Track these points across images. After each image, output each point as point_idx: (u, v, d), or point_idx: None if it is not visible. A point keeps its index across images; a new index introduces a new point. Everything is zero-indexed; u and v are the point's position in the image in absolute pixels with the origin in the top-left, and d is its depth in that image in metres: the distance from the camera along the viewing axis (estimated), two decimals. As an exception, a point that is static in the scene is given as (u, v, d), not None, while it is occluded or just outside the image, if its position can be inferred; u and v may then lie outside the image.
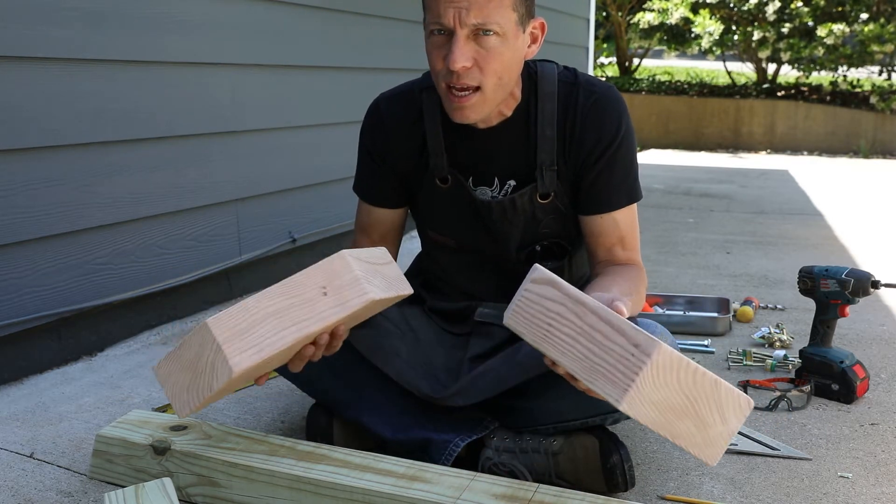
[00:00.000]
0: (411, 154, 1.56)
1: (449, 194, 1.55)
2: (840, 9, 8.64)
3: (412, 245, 3.74)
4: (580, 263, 1.67)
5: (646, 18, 9.27)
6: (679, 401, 1.06)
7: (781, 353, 2.13)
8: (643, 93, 9.32)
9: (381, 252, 1.41)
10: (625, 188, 1.51)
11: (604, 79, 10.51)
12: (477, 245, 1.60)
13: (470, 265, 1.64)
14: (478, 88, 1.38)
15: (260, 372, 1.29)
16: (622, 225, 1.51)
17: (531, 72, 1.51)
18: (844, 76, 8.79)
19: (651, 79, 10.10)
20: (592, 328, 1.11)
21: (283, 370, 1.60)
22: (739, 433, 1.68)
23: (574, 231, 1.58)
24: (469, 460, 1.47)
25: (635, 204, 1.54)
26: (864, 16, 8.40)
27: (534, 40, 1.45)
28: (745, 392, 1.85)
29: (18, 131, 1.94)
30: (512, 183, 1.53)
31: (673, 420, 1.07)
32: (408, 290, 1.41)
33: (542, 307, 1.18)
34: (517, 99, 1.50)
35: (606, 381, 1.08)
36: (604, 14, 10.53)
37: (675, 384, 1.06)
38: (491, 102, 1.42)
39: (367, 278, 1.27)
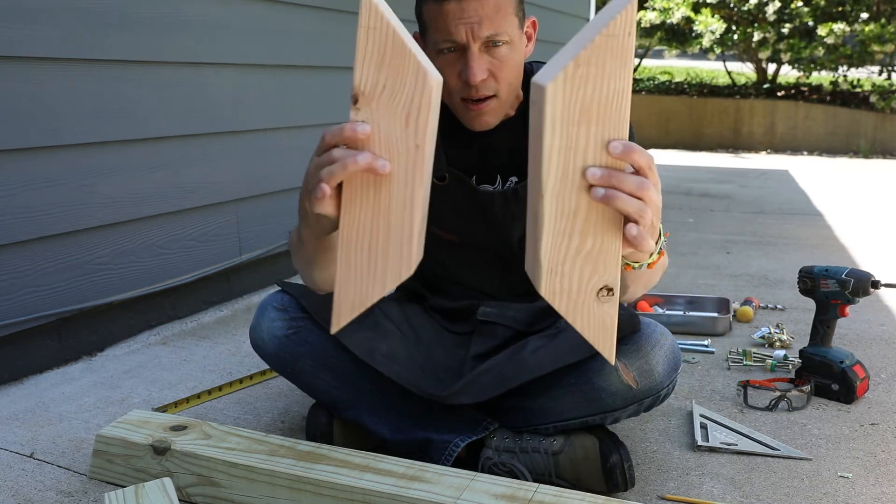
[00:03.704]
0: None
1: (448, 191, 1.56)
2: (840, 9, 8.64)
3: (412, 245, 3.72)
4: None
5: (647, 17, 9.27)
6: None
7: (781, 353, 2.13)
8: (643, 93, 9.32)
9: None
10: None
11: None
12: (479, 239, 1.60)
13: (472, 261, 1.64)
14: (493, 96, 1.42)
15: None
16: None
17: (527, 70, 1.53)
18: (844, 76, 8.80)
19: (651, 79, 10.09)
20: None
21: (283, 369, 1.60)
22: (739, 433, 1.69)
23: None
24: (469, 460, 1.47)
25: None
26: (865, 16, 8.40)
27: (529, 39, 1.48)
28: (745, 392, 1.86)
29: (18, 131, 1.94)
30: (514, 179, 1.55)
31: None
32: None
33: None
34: (520, 98, 1.52)
35: None
36: (604, 14, 10.51)
37: None
38: (505, 106, 1.47)
39: None
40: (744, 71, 10.58)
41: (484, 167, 1.55)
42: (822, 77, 9.33)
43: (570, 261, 1.00)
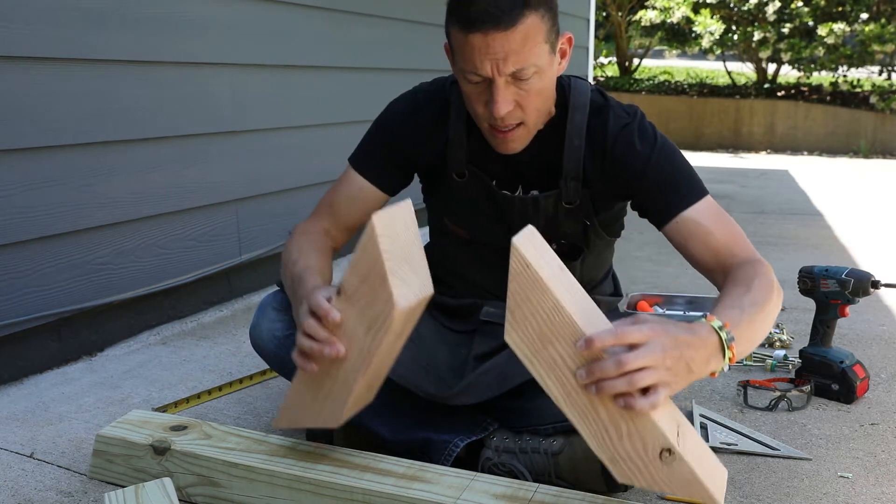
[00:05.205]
0: (435, 149, 1.55)
1: (466, 188, 1.56)
2: (840, 9, 8.64)
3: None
4: (591, 266, 1.66)
5: (648, 16, 9.27)
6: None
7: (781, 353, 2.13)
8: (643, 93, 9.32)
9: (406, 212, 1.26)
10: (683, 185, 1.46)
11: (603, 79, 10.52)
12: (491, 238, 1.59)
13: (482, 258, 1.64)
14: (520, 123, 1.39)
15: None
16: (705, 222, 1.43)
17: (563, 84, 1.50)
18: (844, 76, 8.80)
19: (651, 79, 10.09)
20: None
21: (282, 369, 1.60)
22: (739, 433, 1.69)
23: (592, 237, 1.58)
24: (469, 461, 1.47)
25: (712, 199, 1.47)
26: (865, 16, 8.40)
27: (563, 55, 1.43)
28: (745, 392, 1.86)
29: (18, 131, 1.94)
30: (535, 193, 1.53)
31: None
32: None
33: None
34: (551, 114, 1.49)
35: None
36: (604, 14, 10.53)
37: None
38: (533, 131, 1.44)
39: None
40: (744, 71, 10.58)
41: (507, 175, 1.53)
42: (822, 77, 9.33)
43: (619, 446, 1.12)
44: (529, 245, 1.12)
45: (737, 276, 1.35)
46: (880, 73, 8.93)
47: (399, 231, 1.21)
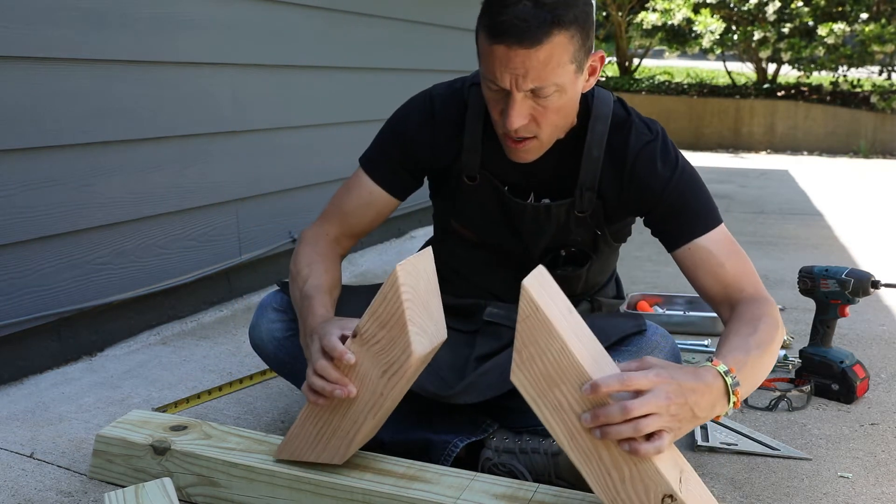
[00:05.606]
0: (450, 154, 1.54)
1: (476, 192, 1.55)
2: (840, 9, 8.65)
3: (412, 245, 3.72)
4: (597, 271, 1.66)
5: (649, 18, 9.27)
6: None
7: (781, 353, 2.13)
8: (643, 93, 9.32)
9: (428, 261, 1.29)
10: (700, 211, 1.46)
11: (603, 79, 10.51)
12: (500, 243, 1.59)
13: (488, 261, 1.63)
14: (533, 137, 1.38)
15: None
16: (718, 252, 1.43)
17: (586, 94, 1.48)
18: (845, 76, 8.80)
19: (651, 79, 10.10)
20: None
21: (282, 369, 1.60)
22: (739, 433, 1.69)
23: (602, 244, 1.58)
24: (469, 461, 1.47)
25: (726, 229, 1.46)
26: (865, 16, 8.40)
27: (592, 73, 1.41)
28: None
29: (18, 131, 1.94)
30: (546, 201, 1.53)
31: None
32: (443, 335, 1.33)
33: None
34: (573, 124, 1.47)
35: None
36: (604, 14, 10.53)
37: None
38: (547, 144, 1.42)
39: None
40: (744, 71, 10.58)
41: (520, 182, 1.53)
42: (822, 77, 9.33)
43: (622, 490, 1.12)
44: (539, 287, 1.11)
45: (743, 313, 1.34)
46: (880, 73, 8.93)
47: (420, 280, 1.23)
